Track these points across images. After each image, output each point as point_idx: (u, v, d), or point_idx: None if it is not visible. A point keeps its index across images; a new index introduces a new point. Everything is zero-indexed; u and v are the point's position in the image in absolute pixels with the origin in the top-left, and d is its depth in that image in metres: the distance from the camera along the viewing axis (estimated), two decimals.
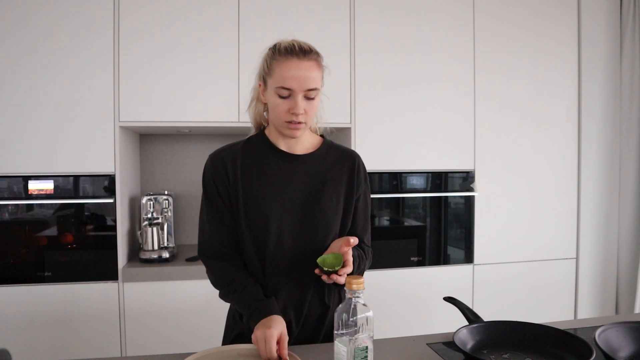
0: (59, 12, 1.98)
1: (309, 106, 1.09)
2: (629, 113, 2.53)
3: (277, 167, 1.15)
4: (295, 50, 1.07)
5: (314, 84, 1.07)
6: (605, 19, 2.53)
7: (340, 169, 1.19)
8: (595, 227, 2.55)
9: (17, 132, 1.97)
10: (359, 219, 1.21)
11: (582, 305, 2.54)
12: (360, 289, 0.87)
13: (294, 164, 1.16)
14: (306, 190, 1.14)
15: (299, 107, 1.06)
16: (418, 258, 2.34)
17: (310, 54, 1.08)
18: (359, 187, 1.20)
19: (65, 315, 1.98)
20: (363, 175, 1.22)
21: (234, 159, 1.14)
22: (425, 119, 2.32)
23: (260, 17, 2.14)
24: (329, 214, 1.14)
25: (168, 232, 2.29)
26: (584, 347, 0.97)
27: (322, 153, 1.20)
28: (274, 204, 1.12)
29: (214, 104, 2.12)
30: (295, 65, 1.06)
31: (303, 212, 1.12)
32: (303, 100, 1.07)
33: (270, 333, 0.96)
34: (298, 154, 1.17)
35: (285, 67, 1.06)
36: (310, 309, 1.15)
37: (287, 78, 1.05)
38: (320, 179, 1.16)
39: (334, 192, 1.16)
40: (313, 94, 1.08)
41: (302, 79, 1.06)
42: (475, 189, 2.38)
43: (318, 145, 1.21)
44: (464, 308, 1.19)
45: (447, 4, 2.32)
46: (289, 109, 1.07)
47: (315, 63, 1.09)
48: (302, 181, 1.15)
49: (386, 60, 2.27)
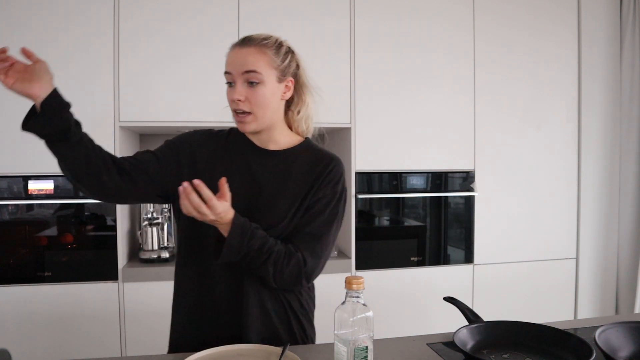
0: (60, 13, 1.98)
1: (252, 94, 1.07)
2: (629, 113, 2.53)
3: (243, 158, 1.15)
4: (238, 41, 1.11)
5: (252, 67, 1.06)
6: (605, 19, 2.53)
7: (309, 170, 1.13)
8: (595, 227, 2.55)
9: (18, 132, 1.96)
10: (306, 220, 1.11)
11: (582, 305, 2.53)
12: (360, 289, 0.87)
13: (263, 157, 1.15)
14: (263, 186, 1.12)
15: (235, 92, 1.07)
16: (418, 258, 2.34)
17: (252, 41, 1.09)
18: (318, 190, 1.11)
19: (65, 315, 1.98)
20: (332, 180, 1.13)
21: (208, 141, 1.17)
22: (425, 118, 2.32)
23: (260, 17, 2.14)
24: (275, 213, 1.10)
25: (168, 232, 2.29)
26: (584, 347, 0.97)
27: (295, 152, 1.16)
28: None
29: (213, 104, 2.12)
30: (235, 51, 1.10)
31: (246, 205, 1.07)
32: (244, 86, 1.07)
33: None
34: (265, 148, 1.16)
35: (228, 55, 1.11)
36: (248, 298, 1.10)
37: (227, 63, 1.10)
38: (283, 177, 1.12)
39: (292, 193, 1.11)
40: (253, 78, 1.06)
41: (238, 62, 1.07)
42: (475, 189, 2.38)
43: (294, 145, 1.18)
44: (464, 308, 1.19)
45: (447, 3, 2.32)
46: (232, 97, 1.08)
47: (257, 49, 1.08)
48: (263, 176, 1.12)
49: (386, 59, 2.27)
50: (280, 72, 1.11)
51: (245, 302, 1.10)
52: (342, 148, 2.39)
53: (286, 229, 1.10)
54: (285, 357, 0.98)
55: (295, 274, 1.07)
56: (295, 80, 1.17)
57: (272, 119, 1.13)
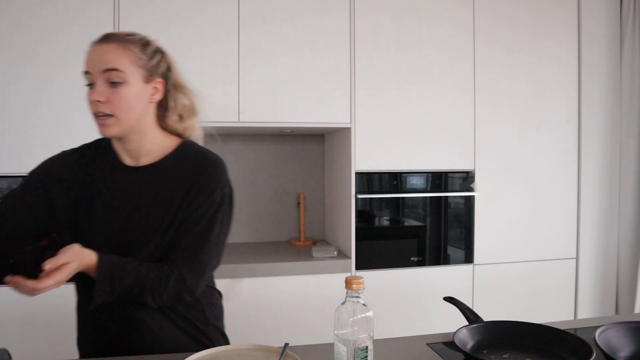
0: (60, 13, 1.98)
1: (114, 95, 0.98)
2: (629, 113, 2.53)
3: (110, 177, 1.07)
4: (98, 38, 1.03)
5: (113, 64, 0.98)
6: (605, 19, 2.53)
7: (182, 180, 1.05)
8: (595, 227, 2.55)
9: (18, 132, 1.97)
10: (181, 234, 1.04)
11: (582, 305, 2.53)
12: (360, 289, 0.87)
13: (130, 175, 1.07)
14: (133, 203, 1.05)
15: (94, 92, 0.98)
16: (418, 258, 2.34)
17: (114, 38, 1.01)
18: (193, 201, 1.04)
19: (65, 315, 1.97)
20: (207, 189, 1.05)
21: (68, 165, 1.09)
22: (425, 118, 2.32)
23: (260, 16, 2.14)
24: (147, 230, 1.04)
25: None
26: (584, 347, 0.97)
27: (168, 161, 1.08)
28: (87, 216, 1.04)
29: (213, 104, 2.12)
30: (94, 49, 1.01)
31: (117, 227, 1.03)
32: (105, 86, 0.98)
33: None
34: (134, 165, 1.08)
35: (87, 54, 1.02)
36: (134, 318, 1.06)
37: (85, 62, 1.01)
38: (154, 191, 1.05)
39: (164, 207, 1.04)
40: (115, 77, 0.98)
41: (98, 60, 0.99)
42: (475, 189, 2.38)
43: (169, 152, 1.09)
44: (464, 308, 1.19)
45: (447, 3, 2.32)
46: (91, 99, 0.99)
47: (118, 46, 1.00)
48: (132, 193, 1.05)
49: (386, 59, 2.27)
50: (147, 71, 1.03)
51: (132, 323, 1.06)
52: (342, 148, 2.39)
53: (161, 244, 1.04)
54: (285, 357, 0.98)
55: (175, 294, 1.02)
56: (166, 81, 1.08)
57: (140, 124, 1.05)
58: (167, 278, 1.00)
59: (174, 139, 1.12)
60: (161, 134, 1.10)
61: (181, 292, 1.02)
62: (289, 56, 2.18)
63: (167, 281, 1.00)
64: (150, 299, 1.00)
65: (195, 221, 1.04)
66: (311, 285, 2.16)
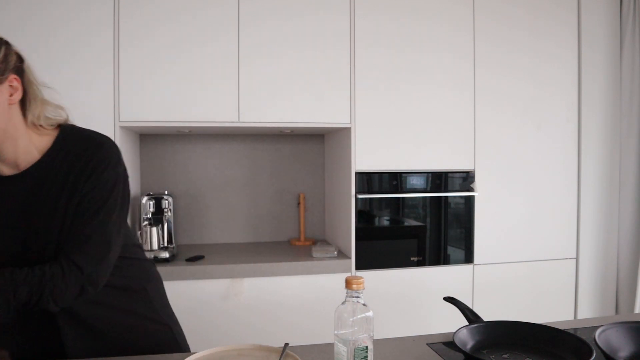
0: (59, 12, 1.98)
1: None
2: (629, 113, 2.53)
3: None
4: None
5: None
6: (605, 19, 2.53)
7: (65, 173, 0.99)
8: (595, 227, 2.55)
9: None
10: (76, 222, 0.97)
11: (582, 305, 2.53)
12: (360, 289, 0.87)
13: (10, 185, 0.99)
14: (20, 212, 0.98)
15: None
16: (418, 258, 2.34)
17: None
18: (82, 187, 0.98)
19: None
20: (98, 169, 0.99)
21: None
22: (425, 118, 2.32)
23: (260, 16, 2.14)
24: (45, 231, 0.98)
25: (168, 232, 2.29)
26: (584, 347, 0.97)
27: (47, 160, 1.00)
28: None
29: (213, 104, 2.12)
30: None
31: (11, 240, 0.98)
32: None
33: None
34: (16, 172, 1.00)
35: None
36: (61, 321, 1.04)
37: None
38: (41, 193, 0.99)
39: (55, 205, 0.98)
40: None
41: None
42: (475, 189, 2.38)
43: (49, 146, 1.01)
44: (464, 308, 1.19)
45: (447, 3, 2.32)
46: None
47: None
48: (16, 203, 0.99)
49: (386, 59, 2.27)
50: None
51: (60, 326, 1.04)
52: (342, 148, 2.39)
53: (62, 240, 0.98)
54: (285, 356, 0.98)
55: (76, 289, 0.94)
56: (21, 76, 0.97)
57: (8, 132, 0.95)
58: (64, 274, 0.93)
59: (50, 131, 1.03)
60: (34, 131, 1.01)
61: (84, 286, 0.95)
62: (288, 56, 2.18)
63: (64, 277, 0.93)
64: (52, 304, 0.92)
65: (87, 206, 0.98)
66: (311, 285, 2.16)
